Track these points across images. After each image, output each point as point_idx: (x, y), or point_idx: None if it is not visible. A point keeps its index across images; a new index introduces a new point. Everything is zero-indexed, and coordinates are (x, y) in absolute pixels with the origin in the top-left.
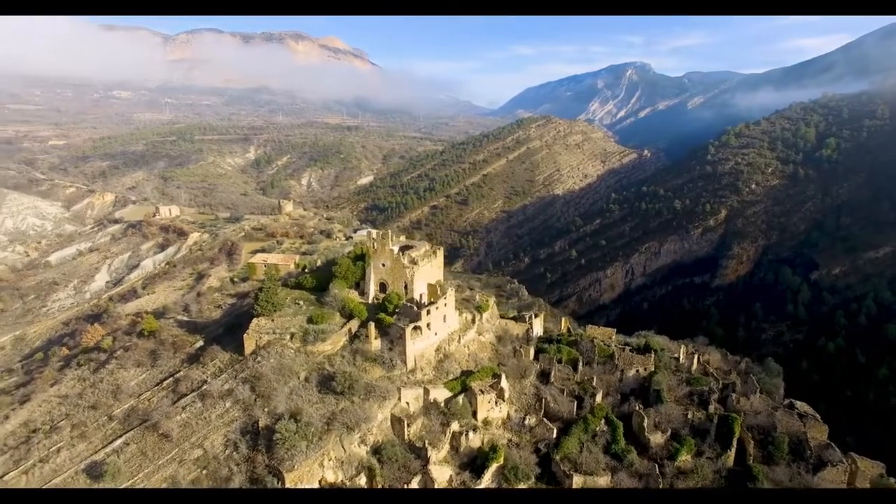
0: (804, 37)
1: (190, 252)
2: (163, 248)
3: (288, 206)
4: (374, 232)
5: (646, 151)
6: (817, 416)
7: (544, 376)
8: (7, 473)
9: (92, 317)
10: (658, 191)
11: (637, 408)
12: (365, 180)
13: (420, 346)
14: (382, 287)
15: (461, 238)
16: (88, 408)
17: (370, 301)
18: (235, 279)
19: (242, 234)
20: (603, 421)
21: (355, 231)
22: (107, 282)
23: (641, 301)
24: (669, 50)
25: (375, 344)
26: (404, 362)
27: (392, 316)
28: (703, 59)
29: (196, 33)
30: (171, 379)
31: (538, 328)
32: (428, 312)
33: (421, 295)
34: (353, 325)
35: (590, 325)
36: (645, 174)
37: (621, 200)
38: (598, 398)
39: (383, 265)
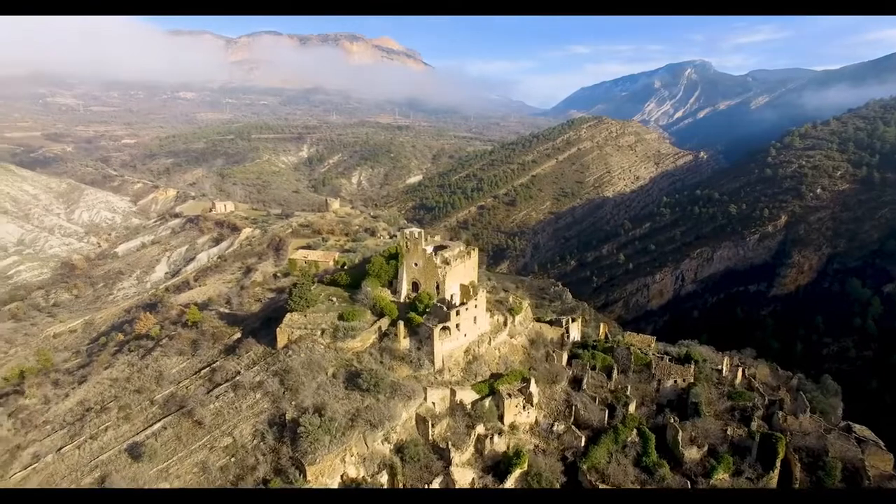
0: (886, 28)
1: (240, 247)
2: (217, 242)
3: (335, 204)
4: (410, 231)
5: (702, 153)
6: (880, 442)
7: (576, 383)
8: (64, 446)
9: (149, 306)
10: (713, 194)
11: (672, 420)
12: (414, 179)
13: (448, 346)
14: (415, 286)
15: (507, 239)
16: (134, 391)
17: (402, 300)
18: (278, 274)
19: (290, 230)
20: (635, 432)
21: (399, 230)
22: (165, 273)
23: (691, 308)
24: (733, 47)
25: (404, 343)
26: (432, 362)
27: (422, 315)
28: (769, 55)
29: (256, 36)
30: (208, 368)
31: (575, 333)
32: (457, 313)
33: (452, 295)
34: (384, 323)
35: (628, 332)
36: (700, 177)
37: (673, 204)
38: (632, 408)
39: (416, 265)
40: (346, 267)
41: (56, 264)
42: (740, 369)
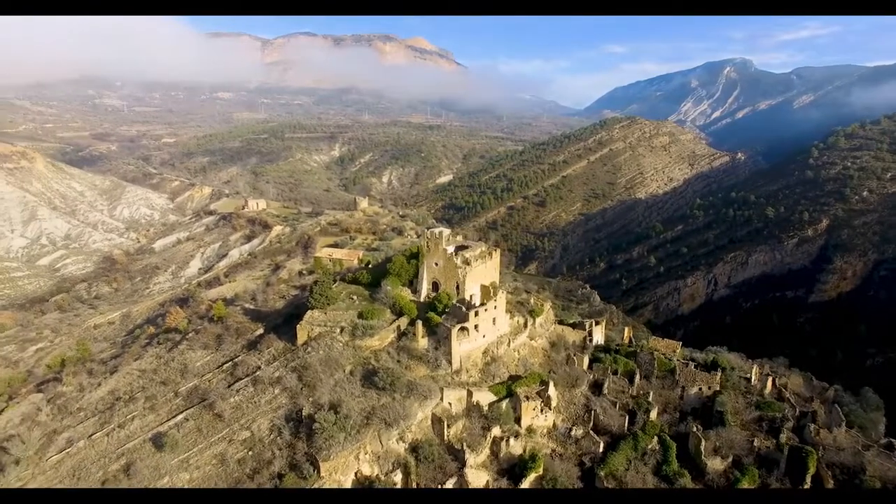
0: None
1: (270, 244)
2: (249, 239)
3: (363, 203)
4: (430, 230)
5: (739, 154)
6: None
7: (597, 387)
8: (95, 433)
9: (181, 300)
10: (749, 197)
11: (695, 428)
12: (444, 179)
13: (467, 347)
14: (435, 286)
15: (536, 240)
16: (160, 383)
17: (422, 299)
18: (303, 272)
19: (318, 228)
20: (655, 439)
21: (427, 229)
22: (199, 269)
23: (724, 314)
24: (777, 44)
25: (422, 342)
26: (450, 363)
27: (441, 315)
28: (817, 52)
29: (291, 37)
30: (230, 363)
31: (598, 336)
32: (476, 314)
33: (472, 296)
34: (403, 322)
35: (653, 337)
36: (737, 179)
37: (707, 206)
38: (653, 415)
39: (436, 264)
40: (369, 265)
41: (98, 258)
42: (770, 378)
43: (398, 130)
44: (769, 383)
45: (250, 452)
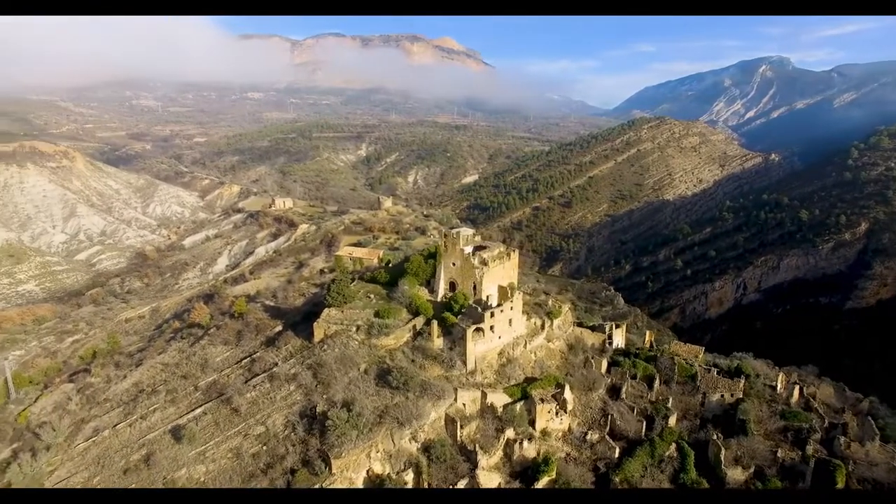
0: None
1: (295, 242)
2: (275, 237)
3: (387, 203)
4: (447, 230)
5: (773, 155)
6: None
7: (615, 391)
8: (119, 424)
9: (207, 296)
10: (781, 199)
11: (715, 437)
12: (469, 179)
13: (482, 348)
14: (452, 286)
15: (561, 241)
16: (181, 377)
17: (439, 299)
18: (325, 270)
19: (342, 227)
20: (673, 446)
21: (451, 229)
22: (226, 265)
23: (753, 319)
24: (817, 40)
25: (437, 342)
26: (464, 363)
27: (457, 316)
28: (860, 48)
29: (320, 37)
30: (248, 359)
31: (619, 340)
32: (492, 315)
33: (488, 297)
34: (419, 322)
35: (675, 342)
36: (770, 181)
37: (737, 208)
38: (672, 421)
39: (454, 264)
40: (390, 264)
41: (131, 254)
42: (798, 387)
43: (424, 130)
44: (796, 392)
45: (265, 447)
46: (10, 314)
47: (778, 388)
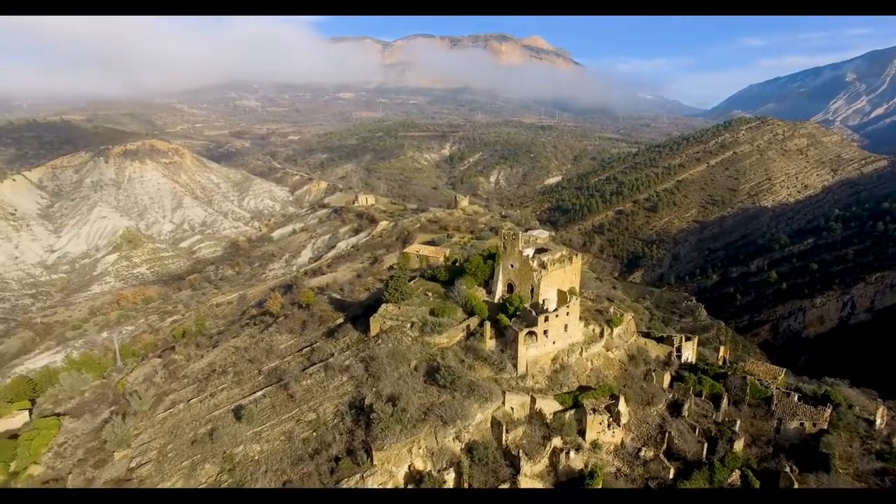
0: None
1: (373, 238)
2: (356, 232)
3: (464, 202)
4: (507, 230)
5: None
6: None
7: (676, 408)
8: (192, 399)
9: (287, 286)
10: None
11: (788, 468)
12: (552, 180)
13: (534, 352)
14: (510, 288)
15: (644, 247)
16: (248, 360)
17: (496, 300)
18: (393, 266)
19: (418, 225)
20: (736, 473)
21: (527, 230)
22: (309, 258)
23: (861, 343)
24: None
25: (490, 344)
26: (515, 367)
27: (511, 318)
28: None
29: (411, 38)
30: (309, 348)
31: (688, 354)
32: (546, 319)
33: (545, 300)
34: (473, 322)
35: (750, 360)
36: (894, 187)
37: (847, 218)
38: (738, 445)
39: (512, 266)
40: (456, 263)
41: (226, 244)
42: None
43: (509, 130)
44: None
45: (314, 433)
46: (127, 293)
47: (877, 422)
